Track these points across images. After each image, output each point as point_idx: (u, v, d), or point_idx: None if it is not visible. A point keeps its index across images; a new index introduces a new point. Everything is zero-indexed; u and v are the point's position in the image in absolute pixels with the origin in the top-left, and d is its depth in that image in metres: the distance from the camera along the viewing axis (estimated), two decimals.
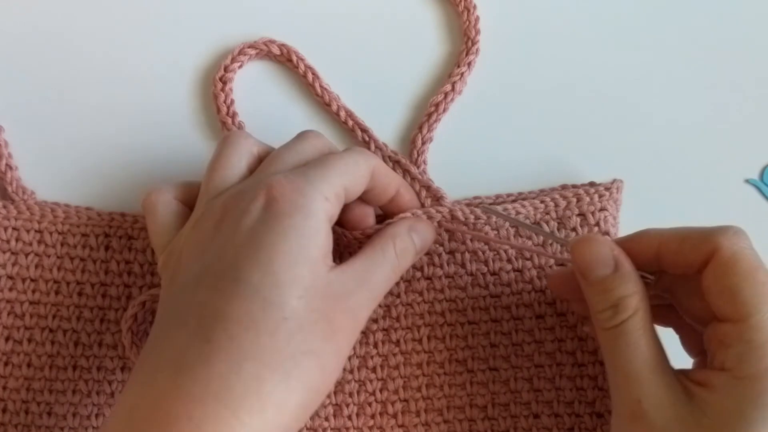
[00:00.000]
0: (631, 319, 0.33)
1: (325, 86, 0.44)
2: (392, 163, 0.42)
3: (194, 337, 0.31)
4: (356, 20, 0.45)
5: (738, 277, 0.32)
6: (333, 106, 0.43)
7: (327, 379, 0.33)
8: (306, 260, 0.33)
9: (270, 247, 0.32)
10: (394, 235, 0.37)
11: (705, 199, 0.44)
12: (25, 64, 0.44)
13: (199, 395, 0.30)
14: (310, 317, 0.32)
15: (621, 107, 0.45)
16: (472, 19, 0.45)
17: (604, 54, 0.46)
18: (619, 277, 0.34)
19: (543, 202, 0.41)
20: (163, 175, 0.44)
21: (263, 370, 0.31)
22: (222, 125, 0.43)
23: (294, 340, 0.32)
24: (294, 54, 0.44)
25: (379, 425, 0.40)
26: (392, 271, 0.37)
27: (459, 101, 0.44)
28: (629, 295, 0.34)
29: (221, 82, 0.43)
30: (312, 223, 0.33)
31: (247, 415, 0.30)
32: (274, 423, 0.31)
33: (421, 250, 0.39)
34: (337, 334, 0.33)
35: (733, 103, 0.45)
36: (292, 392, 0.31)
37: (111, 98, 0.44)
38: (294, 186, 0.34)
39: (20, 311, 0.40)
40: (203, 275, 0.33)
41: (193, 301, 0.32)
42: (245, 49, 0.44)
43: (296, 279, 0.32)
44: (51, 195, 0.43)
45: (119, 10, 0.45)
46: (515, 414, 0.40)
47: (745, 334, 0.32)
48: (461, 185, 0.43)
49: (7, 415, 0.40)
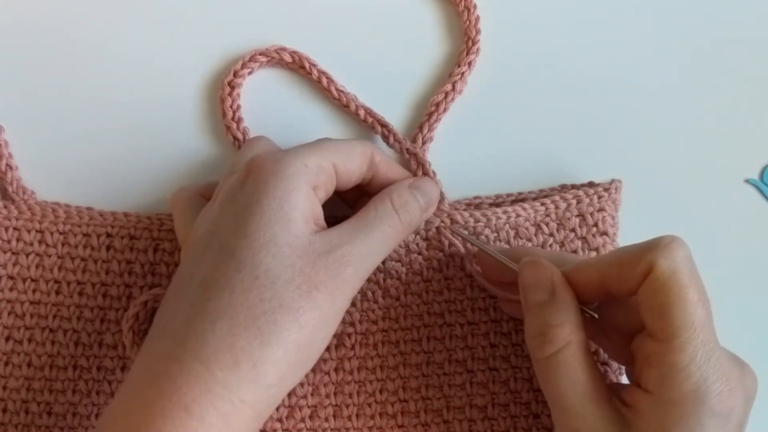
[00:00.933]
0: (563, 351, 0.33)
1: (341, 88, 0.44)
2: (409, 155, 0.42)
3: (182, 303, 0.34)
4: (356, 20, 0.45)
5: (668, 297, 0.31)
6: (351, 106, 0.43)
7: (309, 334, 0.33)
8: (280, 220, 0.34)
9: (245, 211, 0.34)
10: (391, 192, 0.38)
11: (705, 199, 0.44)
12: (26, 65, 0.44)
13: (178, 353, 0.32)
14: (284, 274, 0.33)
15: (621, 107, 0.45)
16: (472, 18, 0.45)
17: (604, 54, 0.45)
18: (553, 304, 0.34)
19: (543, 205, 0.41)
20: (164, 176, 0.44)
21: (236, 327, 0.32)
22: (226, 129, 0.43)
23: (266, 298, 0.32)
24: (306, 60, 0.44)
25: (379, 426, 0.40)
26: (390, 226, 0.37)
27: (459, 101, 0.44)
28: (559, 324, 0.34)
29: (229, 87, 0.43)
30: (287, 185, 0.34)
31: (220, 370, 0.31)
32: (249, 378, 0.32)
33: (427, 206, 0.39)
34: (316, 289, 0.33)
35: (733, 103, 0.45)
36: (267, 347, 0.32)
37: (111, 98, 0.44)
38: (273, 157, 0.36)
39: (21, 311, 0.40)
40: (198, 251, 0.35)
41: (188, 273, 0.35)
42: (256, 56, 0.44)
43: (270, 238, 0.33)
44: (51, 195, 0.43)
45: (121, 10, 0.45)
46: (515, 414, 0.40)
47: (668, 355, 0.31)
48: (461, 185, 0.43)
49: (7, 414, 0.40)
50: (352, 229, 0.36)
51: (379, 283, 0.41)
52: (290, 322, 0.33)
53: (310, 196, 0.35)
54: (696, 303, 0.31)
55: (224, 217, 0.35)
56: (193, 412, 0.31)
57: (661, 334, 0.32)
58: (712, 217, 0.44)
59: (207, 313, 0.33)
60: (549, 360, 0.34)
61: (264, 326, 0.32)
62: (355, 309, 0.41)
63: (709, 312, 0.32)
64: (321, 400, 0.40)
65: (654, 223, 0.44)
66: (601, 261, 0.35)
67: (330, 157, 0.36)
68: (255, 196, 0.34)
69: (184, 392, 0.31)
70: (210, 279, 0.33)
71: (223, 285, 0.33)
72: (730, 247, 0.44)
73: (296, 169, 0.35)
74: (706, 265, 0.44)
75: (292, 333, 0.33)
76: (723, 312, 0.44)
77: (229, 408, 0.31)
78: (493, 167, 0.44)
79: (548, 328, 0.34)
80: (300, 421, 0.40)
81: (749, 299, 0.44)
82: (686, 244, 0.33)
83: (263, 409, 0.33)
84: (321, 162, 0.36)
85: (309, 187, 0.35)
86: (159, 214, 0.42)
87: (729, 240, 0.44)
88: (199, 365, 0.32)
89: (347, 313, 0.40)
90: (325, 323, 0.34)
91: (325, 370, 0.40)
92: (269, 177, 0.35)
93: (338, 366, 0.40)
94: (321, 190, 0.36)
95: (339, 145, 0.38)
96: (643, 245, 0.33)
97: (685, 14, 0.46)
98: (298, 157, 0.35)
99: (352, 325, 0.41)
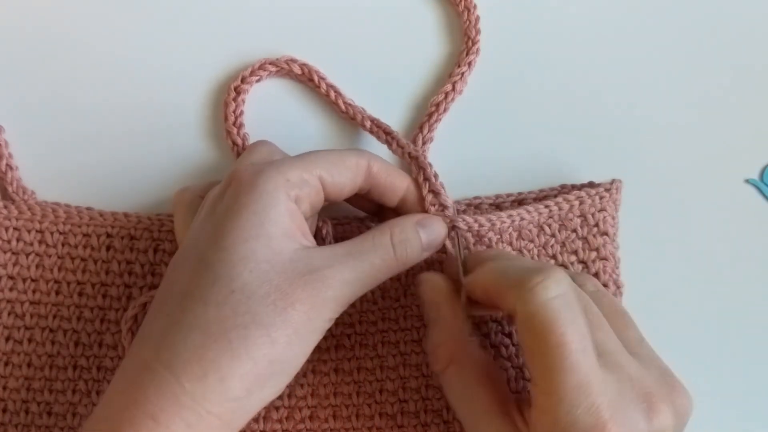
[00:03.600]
0: (448, 370, 0.35)
1: (349, 102, 0.43)
2: (410, 159, 0.41)
3: (161, 312, 0.34)
4: (356, 20, 0.45)
5: (531, 340, 0.31)
6: (358, 118, 0.43)
7: (281, 350, 0.33)
8: (260, 236, 0.34)
9: (224, 225, 0.34)
10: (394, 225, 0.37)
11: (705, 199, 0.44)
12: (26, 64, 0.44)
13: (151, 363, 0.33)
14: (260, 290, 0.33)
15: (621, 107, 0.45)
16: (472, 19, 0.45)
17: (604, 54, 0.45)
18: (438, 323, 0.36)
19: (547, 207, 0.41)
20: (164, 176, 0.44)
21: (208, 339, 0.32)
22: (227, 134, 0.43)
23: (240, 312, 0.33)
24: (315, 73, 0.43)
25: (379, 426, 0.40)
26: (383, 260, 0.36)
27: (459, 101, 0.44)
28: (440, 344, 0.35)
29: (235, 92, 0.43)
30: (267, 200, 0.34)
31: (189, 381, 0.32)
32: (217, 390, 0.32)
33: (429, 246, 0.38)
34: (292, 307, 0.33)
35: (733, 103, 0.45)
36: (236, 361, 0.32)
37: (112, 99, 0.44)
38: (255, 170, 0.35)
39: (21, 311, 0.40)
40: (179, 261, 0.35)
41: (169, 282, 0.35)
42: (266, 65, 0.43)
43: (248, 253, 0.33)
44: (51, 195, 0.43)
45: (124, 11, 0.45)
46: None
47: (537, 398, 0.32)
48: (461, 185, 0.43)
49: (7, 414, 0.40)
50: (343, 252, 0.35)
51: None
52: (262, 336, 0.33)
53: (291, 210, 0.35)
54: (562, 346, 0.30)
55: (204, 228, 0.35)
56: (160, 421, 0.31)
57: (531, 374, 0.32)
58: (712, 217, 0.44)
59: (182, 324, 0.33)
60: (440, 376, 0.35)
61: (235, 340, 0.32)
62: (355, 310, 0.41)
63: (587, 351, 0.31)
64: (320, 401, 0.40)
65: (654, 223, 0.44)
66: (487, 278, 0.35)
67: (316, 170, 0.36)
68: (234, 209, 0.34)
69: (153, 401, 0.32)
70: (187, 290, 0.34)
71: (198, 297, 0.33)
72: (730, 247, 0.44)
73: (276, 184, 0.34)
74: (706, 265, 0.44)
75: (262, 348, 0.33)
76: (723, 312, 0.44)
77: (195, 419, 0.32)
78: (493, 167, 0.44)
79: (434, 346, 0.36)
80: (300, 422, 0.40)
81: (749, 299, 0.44)
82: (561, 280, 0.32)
83: (232, 420, 0.33)
84: (304, 175, 0.35)
85: (290, 202, 0.35)
86: (159, 215, 0.42)
87: (729, 240, 0.44)
88: (169, 375, 0.32)
89: (346, 314, 0.40)
90: (299, 341, 0.34)
91: (324, 371, 0.40)
92: (248, 190, 0.34)
93: (337, 367, 0.40)
94: (305, 203, 0.36)
95: (329, 157, 0.37)
96: (515, 278, 0.33)
97: (685, 14, 0.46)
98: (281, 171, 0.35)
99: (351, 326, 0.41)
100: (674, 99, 0.45)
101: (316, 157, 0.36)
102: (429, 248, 0.38)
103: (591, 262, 0.41)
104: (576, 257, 0.41)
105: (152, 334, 0.34)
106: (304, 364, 0.35)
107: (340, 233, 0.41)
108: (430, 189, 0.40)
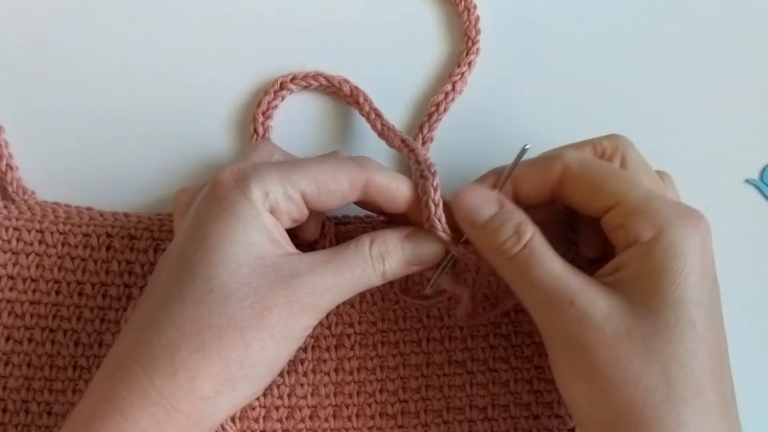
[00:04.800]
0: (534, 237, 0.34)
1: (386, 124, 0.42)
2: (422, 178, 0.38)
3: (142, 310, 0.35)
4: (356, 20, 0.45)
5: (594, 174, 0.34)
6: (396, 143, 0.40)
7: (254, 354, 0.33)
8: (242, 241, 0.34)
9: (207, 227, 0.34)
10: (377, 236, 0.37)
11: (705, 199, 0.44)
12: (27, 65, 0.44)
13: (126, 359, 0.33)
14: (239, 292, 0.33)
15: (620, 107, 0.45)
16: (472, 19, 0.45)
17: (604, 54, 0.45)
18: (509, 211, 0.35)
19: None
20: (164, 176, 0.44)
21: (181, 337, 0.33)
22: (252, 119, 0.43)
23: (216, 312, 0.33)
24: (362, 95, 0.43)
25: (379, 426, 0.40)
26: (363, 271, 0.36)
27: (459, 101, 0.44)
28: (523, 221, 0.35)
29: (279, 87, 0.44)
30: (250, 209, 0.34)
31: (159, 377, 0.32)
32: (186, 389, 0.32)
33: (413, 260, 0.37)
34: (269, 311, 0.33)
35: (733, 103, 0.45)
36: (207, 361, 0.32)
37: (111, 99, 0.44)
38: (239, 174, 0.35)
39: (21, 311, 0.40)
40: (164, 260, 0.36)
41: (152, 281, 0.36)
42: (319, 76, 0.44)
43: (229, 256, 0.33)
44: (51, 195, 0.43)
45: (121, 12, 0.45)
46: (515, 415, 0.40)
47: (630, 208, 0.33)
48: (461, 185, 0.43)
49: (7, 414, 0.40)
50: (324, 259, 0.35)
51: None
52: (235, 339, 0.33)
53: (272, 223, 0.35)
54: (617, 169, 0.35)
55: (187, 228, 0.35)
56: (128, 416, 0.32)
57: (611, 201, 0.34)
58: (712, 217, 0.44)
59: (158, 321, 0.33)
60: (525, 248, 0.34)
61: (207, 340, 0.32)
62: (354, 310, 0.41)
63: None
64: (321, 400, 0.40)
65: None
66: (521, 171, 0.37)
67: (302, 183, 0.35)
68: (216, 213, 0.34)
69: (123, 396, 0.32)
70: (167, 289, 0.34)
71: (177, 295, 0.33)
72: (730, 247, 0.44)
73: (257, 195, 0.34)
74: None
75: (235, 350, 0.33)
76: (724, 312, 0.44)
77: (163, 415, 0.32)
78: (493, 167, 0.44)
79: (518, 225, 0.35)
80: (300, 422, 0.40)
81: (750, 299, 0.44)
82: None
83: (200, 420, 0.33)
84: (288, 190, 0.34)
85: (266, 216, 0.34)
86: (159, 215, 0.42)
87: (729, 240, 0.44)
88: (140, 371, 0.32)
89: (346, 314, 0.40)
90: (273, 345, 0.34)
91: (324, 371, 0.40)
92: (230, 196, 0.34)
93: (338, 366, 0.40)
94: (283, 215, 0.35)
95: (319, 171, 0.35)
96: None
97: (685, 14, 0.46)
98: (262, 183, 0.34)
99: (351, 326, 0.41)
100: (674, 99, 0.45)
101: (305, 170, 0.35)
102: (415, 263, 0.37)
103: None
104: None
105: (130, 332, 0.34)
106: (305, 364, 0.35)
107: (342, 233, 0.41)
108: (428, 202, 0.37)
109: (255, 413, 0.40)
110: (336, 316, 0.40)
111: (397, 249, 0.37)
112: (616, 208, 0.34)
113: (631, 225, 0.33)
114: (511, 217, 0.35)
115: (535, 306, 0.35)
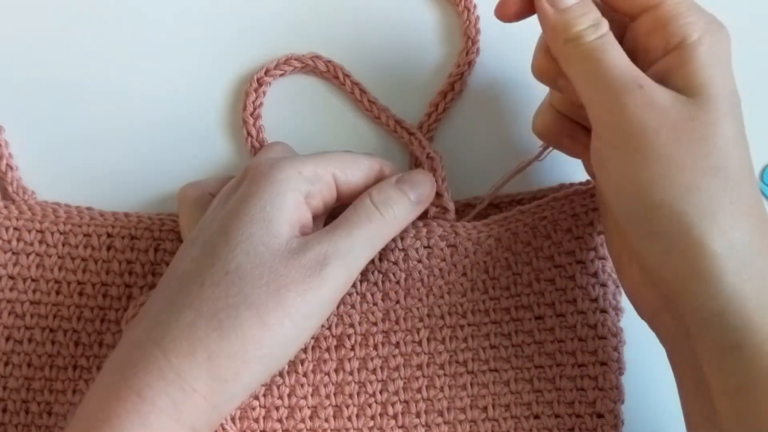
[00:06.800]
0: (609, 32, 0.34)
1: (373, 100, 0.44)
2: (428, 159, 0.41)
3: (159, 295, 0.35)
4: (356, 20, 0.46)
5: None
6: (383, 118, 0.43)
7: (272, 332, 0.33)
8: (260, 220, 0.34)
9: (232, 212, 0.35)
10: (372, 188, 0.37)
11: None
12: (27, 64, 0.44)
13: (143, 340, 0.33)
14: (254, 271, 0.34)
15: None
16: (472, 19, 0.45)
17: None
18: (590, 4, 0.35)
19: (539, 206, 0.41)
20: (164, 176, 0.44)
21: (199, 318, 0.33)
22: (243, 123, 0.43)
23: (232, 293, 0.33)
24: (340, 71, 0.44)
25: (380, 426, 0.40)
26: (372, 222, 0.36)
27: (459, 101, 0.44)
28: (601, 18, 0.35)
29: (257, 83, 0.44)
30: (274, 188, 0.35)
31: (176, 357, 0.32)
32: (203, 368, 0.33)
33: (419, 198, 0.38)
34: (286, 288, 0.34)
35: None
36: (225, 340, 0.33)
37: (112, 97, 0.44)
38: (270, 163, 0.36)
39: (21, 311, 0.40)
40: (185, 248, 0.36)
41: (172, 268, 0.36)
42: (291, 60, 0.44)
43: (247, 237, 0.34)
44: (51, 195, 0.43)
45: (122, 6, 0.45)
46: (516, 415, 0.40)
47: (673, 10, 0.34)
48: (461, 185, 0.43)
49: (7, 414, 0.40)
50: (331, 228, 0.36)
51: (378, 285, 0.41)
52: (252, 317, 0.33)
53: (298, 201, 0.35)
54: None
55: (214, 217, 0.36)
56: (146, 397, 0.32)
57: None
58: None
59: (176, 304, 0.34)
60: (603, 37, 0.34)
61: (225, 320, 0.33)
62: (355, 311, 0.41)
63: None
64: (321, 400, 0.40)
65: None
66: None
67: (329, 167, 0.37)
68: (243, 198, 0.35)
69: (140, 377, 0.32)
70: (186, 273, 0.34)
71: (197, 278, 0.34)
72: None
73: (287, 175, 0.35)
74: None
75: (252, 329, 0.33)
76: None
77: (181, 395, 0.32)
78: (493, 167, 0.44)
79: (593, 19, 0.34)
80: (300, 422, 0.40)
81: None
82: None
83: (218, 403, 0.33)
84: (318, 171, 0.36)
85: (298, 194, 0.35)
86: (160, 214, 0.42)
87: None
88: (158, 352, 0.33)
89: (346, 315, 0.40)
90: (291, 324, 0.34)
91: (325, 371, 0.40)
92: (260, 180, 0.35)
93: (338, 366, 0.40)
94: (316, 198, 0.36)
95: (342, 156, 0.38)
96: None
97: None
98: (294, 164, 0.36)
99: (351, 326, 0.41)
100: None
101: (331, 156, 0.37)
102: (420, 201, 0.38)
103: (590, 261, 0.41)
104: (573, 257, 0.41)
105: (148, 314, 0.35)
106: (305, 364, 0.35)
107: None
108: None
109: (255, 413, 0.40)
110: (336, 317, 0.40)
111: (396, 192, 0.37)
112: (656, 9, 0.34)
113: (675, 27, 0.33)
114: (592, 10, 0.35)
115: (601, 91, 0.34)
